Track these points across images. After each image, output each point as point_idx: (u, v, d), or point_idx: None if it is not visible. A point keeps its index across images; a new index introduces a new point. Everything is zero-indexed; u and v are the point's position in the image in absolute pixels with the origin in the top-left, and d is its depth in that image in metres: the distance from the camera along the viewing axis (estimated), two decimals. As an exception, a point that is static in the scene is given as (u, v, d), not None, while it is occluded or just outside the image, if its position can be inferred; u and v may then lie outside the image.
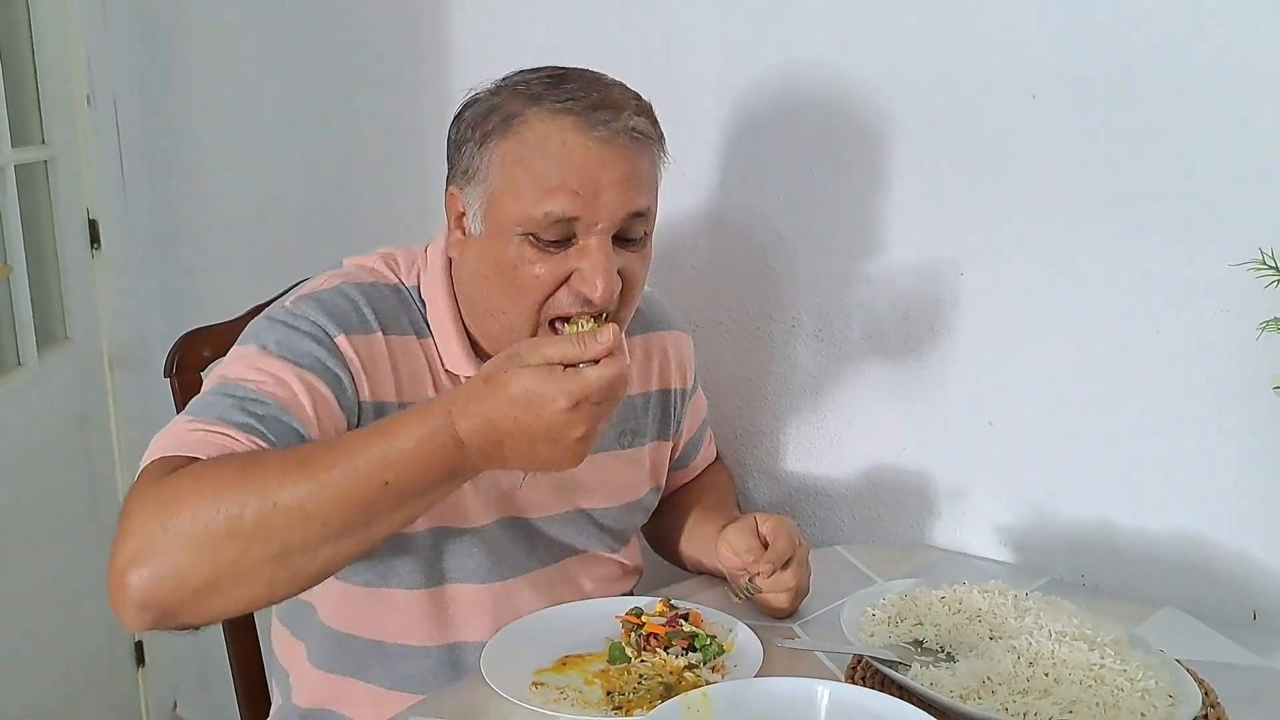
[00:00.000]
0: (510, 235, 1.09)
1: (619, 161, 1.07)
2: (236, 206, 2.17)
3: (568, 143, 1.06)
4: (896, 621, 1.13)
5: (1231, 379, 1.25)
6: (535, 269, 1.08)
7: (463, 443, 0.94)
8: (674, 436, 1.38)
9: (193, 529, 0.90)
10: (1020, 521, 1.43)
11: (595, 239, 1.08)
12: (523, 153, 1.07)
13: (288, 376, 1.04)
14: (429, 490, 0.96)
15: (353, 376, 1.09)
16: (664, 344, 1.36)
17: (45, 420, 2.03)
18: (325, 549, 0.93)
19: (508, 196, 1.08)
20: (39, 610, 1.98)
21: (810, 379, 1.57)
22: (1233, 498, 1.28)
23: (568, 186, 1.06)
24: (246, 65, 2.09)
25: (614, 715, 1.02)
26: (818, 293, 1.54)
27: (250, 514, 0.90)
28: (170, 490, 0.92)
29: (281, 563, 0.92)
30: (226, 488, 0.91)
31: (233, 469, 0.93)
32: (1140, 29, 1.24)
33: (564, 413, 0.91)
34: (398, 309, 1.16)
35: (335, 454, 0.93)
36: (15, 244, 1.93)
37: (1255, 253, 1.17)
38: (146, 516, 0.92)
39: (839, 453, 1.57)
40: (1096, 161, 1.29)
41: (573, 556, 1.28)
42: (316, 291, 1.13)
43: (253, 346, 1.07)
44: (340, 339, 1.09)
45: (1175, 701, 0.99)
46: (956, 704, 0.97)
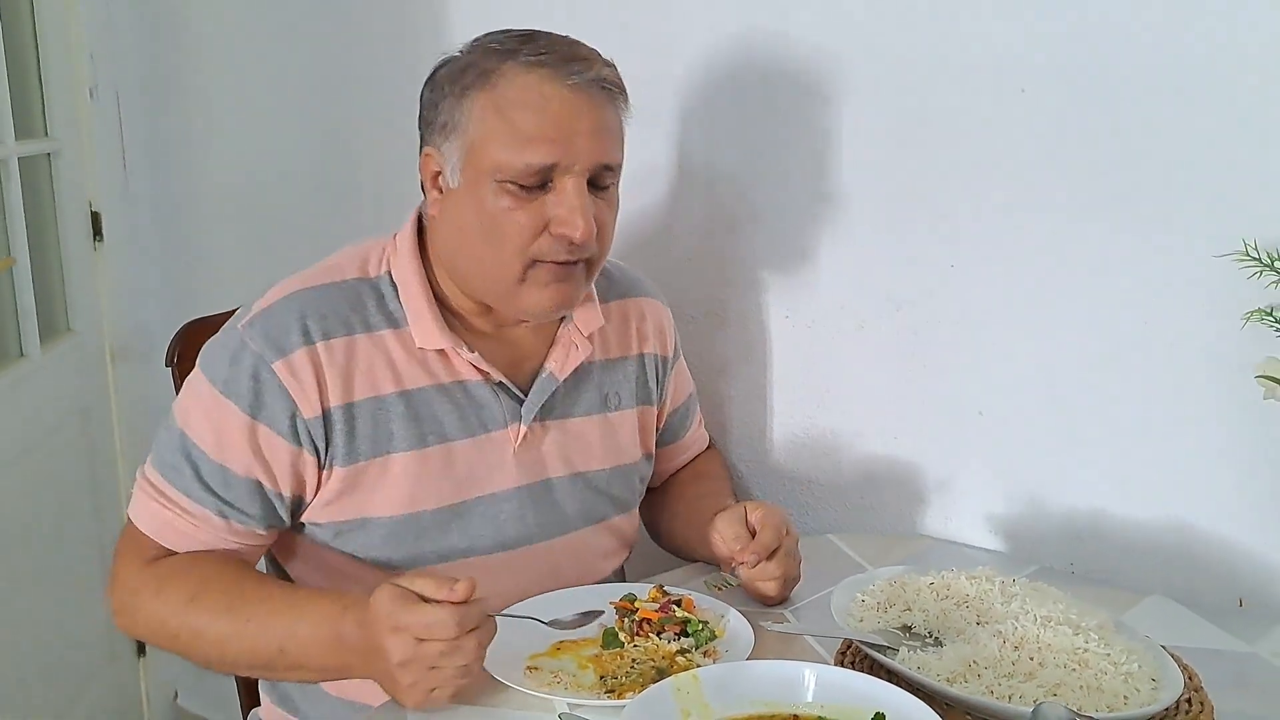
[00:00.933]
0: (489, 183, 1.14)
1: (592, 109, 1.14)
2: (237, 199, 2.19)
3: (545, 93, 1.12)
4: (886, 607, 1.15)
5: (1217, 368, 1.26)
6: (516, 215, 1.14)
7: (342, 639, 1.06)
8: (659, 403, 1.41)
9: (149, 629, 1.17)
10: (1010, 510, 1.44)
11: (572, 181, 1.14)
12: (501, 103, 1.13)
13: (233, 432, 1.15)
14: (318, 668, 1.10)
15: (290, 398, 1.15)
16: (640, 309, 1.40)
17: (47, 411, 2.05)
18: (240, 672, 1.20)
19: (488, 145, 1.14)
20: (40, 601, 1.99)
21: (803, 369, 1.58)
22: (1220, 486, 1.30)
23: (545, 135, 1.12)
24: (248, 59, 2.10)
25: (606, 698, 1.04)
26: (810, 284, 1.55)
27: (185, 637, 1.13)
28: (137, 593, 1.16)
29: (214, 666, 1.15)
30: (172, 615, 1.13)
31: (184, 594, 1.13)
32: (1128, 23, 1.25)
33: (388, 633, 1.00)
34: (348, 309, 1.20)
35: (257, 609, 1.11)
36: (18, 236, 1.95)
37: (1240, 244, 1.18)
38: (122, 595, 1.17)
39: (831, 442, 1.58)
40: (1084, 154, 1.31)
41: (577, 530, 1.31)
42: (264, 310, 1.19)
43: (207, 384, 1.17)
44: (278, 364, 1.15)
45: (1158, 685, 1.01)
46: (943, 687, 0.99)
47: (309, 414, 1.15)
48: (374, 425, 1.18)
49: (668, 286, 1.67)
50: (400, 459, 1.19)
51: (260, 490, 1.16)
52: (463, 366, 1.22)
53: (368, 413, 1.18)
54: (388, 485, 1.19)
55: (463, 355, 1.21)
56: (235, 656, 1.13)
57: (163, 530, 1.17)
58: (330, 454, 1.17)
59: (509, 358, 1.26)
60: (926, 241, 1.44)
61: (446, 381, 1.22)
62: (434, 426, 1.21)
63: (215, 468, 1.15)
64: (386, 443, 1.19)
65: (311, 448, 1.16)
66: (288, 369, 1.15)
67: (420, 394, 1.21)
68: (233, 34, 2.11)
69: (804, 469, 1.61)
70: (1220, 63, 1.21)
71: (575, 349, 1.28)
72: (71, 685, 2.11)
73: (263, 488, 1.16)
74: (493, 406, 1.24)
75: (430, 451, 1.20)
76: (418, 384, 1.21)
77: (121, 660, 2.31)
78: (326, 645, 1.07)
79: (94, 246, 2.20)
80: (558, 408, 1.28)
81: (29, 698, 1.95)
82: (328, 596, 1.10)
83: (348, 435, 1.17)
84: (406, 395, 1.20)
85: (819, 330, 1.56)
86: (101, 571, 1.14)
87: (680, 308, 1.67)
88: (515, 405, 1.25)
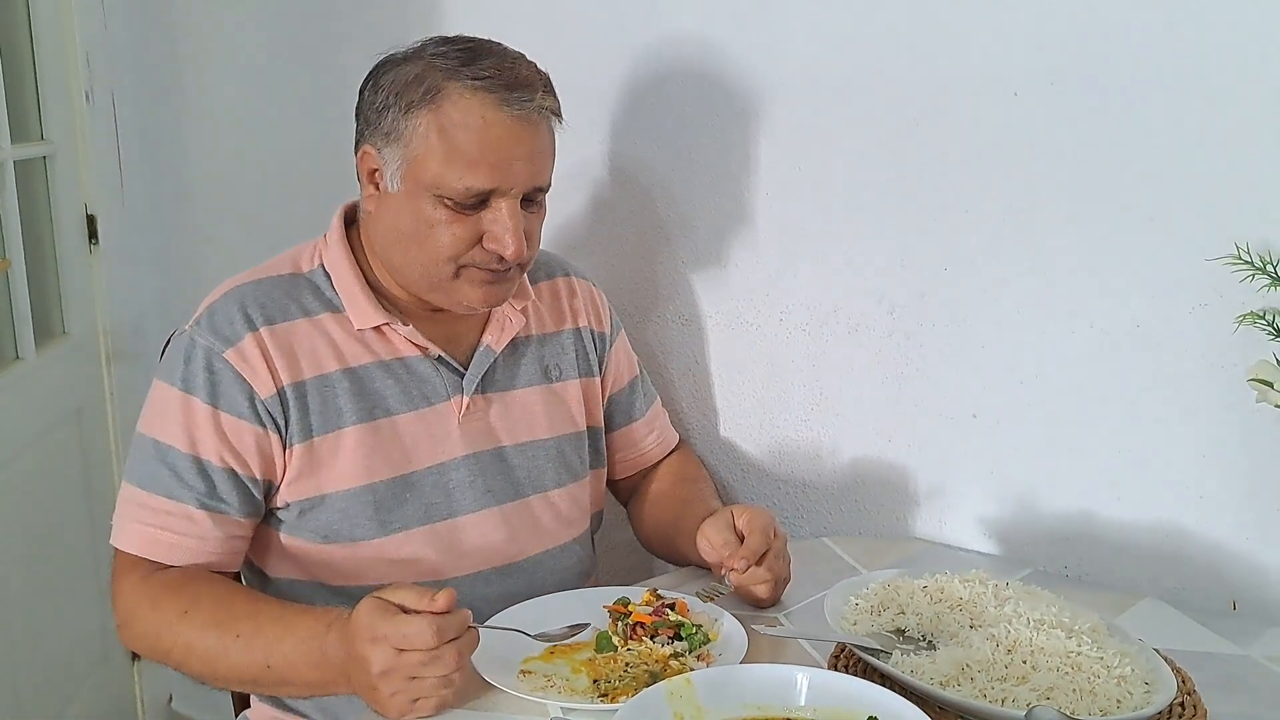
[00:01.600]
0: (427, 195, 1.20)
1: (531, 137, 1.20)
2: (232, 201, 2.19)
3: (487, 119, 1.18)
4: (879, 610, 1.15)
5: (1211, 372, 1.27)
6: (452, 228, 1.20)
7: (325, 655, 1.08)
8: (600, 375, 1.45)
9: (145, 643, 1.19)
10: (1003, 513, 1.44)
11: (507, 204, 1.20)
12: (445, 124, 1.18)
13: (200, 424, 1.20)
14: (303, 684, 1.12)
15: (246, 382, 1.20)
16: (571, 286, 1.46)
17: (42, 413, 2.05)
18: (231, 686, 1.21)
19: (429, 161, 1.19)
20: (35, 604, 1.99)
21: (797, 372, 1.58)
22: (1212, 490, 1.30)
23: (485, 160, 1.18)
24: (243, 62, 2.10)
25: (599, 702, 1.04)
26: (804, 287, 1.55)
27: (178, 653, 1.16)
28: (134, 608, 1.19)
29: (206, 680, 1.18)
30: (166, 630, 1.16)
31: (177, 609, 1.16)
32: (1120, 26, 1.25)
33: (368, 644, 1.02)
34: (285, 298, 1.26)
35: (245, 625, 1.13)
36: (14, 239, 1.95)
37: (1232, 248, 1.19)
38: (121, 614, 1.20)
39: (825, 445, 1.58)
40: (1077, 157, 1.31)
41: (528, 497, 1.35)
42: (208, 308, 1.25)
43: (166, 387, 1.23)
44: (229, 353, 1.21)
45: (1151, 688, 1.01)
46: (936, 690, 0.99)
47: (265, 394, 1.21)
48: (323, 402, 1.23)
49: (664, 290, 1.68)
50: (351, 433, 1.24)
51: (235, 478, 1.21)
52: (401, 344, 1.28)
53: (316, 390, 1.24)
54: (341, 459, 1.24)
55: (399, 331, 1.27)
56: (225, 672, 1.15)
57: (150, 546, 1.20)
58: (289, 432, 1.22)
59: (446, 335, 1.32)
60: (919, 244, 1.44)
61: (387, 358, 1.28)
62: (379, 401, 1.26)
63: (189, 461, 1.20)
64: (336, 418, 1.24)
65: (274, 425, 1.21)
66: (238, 356, 1.21)
67: (364, 370, 1.26)
68: (228, 38, 2.11)
69: (798, 472, 1.61)
70: (1213, 66, 1.21)
71: (510, 322, 1.35)
72: (66, 689, 2.10)
73: (237, 474, 1.21)
74: (434, 380, 1.29)
75: (379, 424, 1.26)
76: (360, 361, 1.26)
77: (116, 664, 2.31)
78: (310, 662, 1.10)
79: (89, 249, 2.20)
80: (499, 380, 1.34)
81: (22, 702, 1.94)
82: (313, 614, 1.12)
83: (301, 412, 1.23)
84: (350, 372, 1.25)
85: (812, 333, 1.56)
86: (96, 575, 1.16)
87: (677, 310, 1.68)
88: (456, 379, 1.31)
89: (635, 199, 1.69)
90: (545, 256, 1.47)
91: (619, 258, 1.72)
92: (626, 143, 1.68)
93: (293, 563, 1.27)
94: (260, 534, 1.27)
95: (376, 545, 1.26)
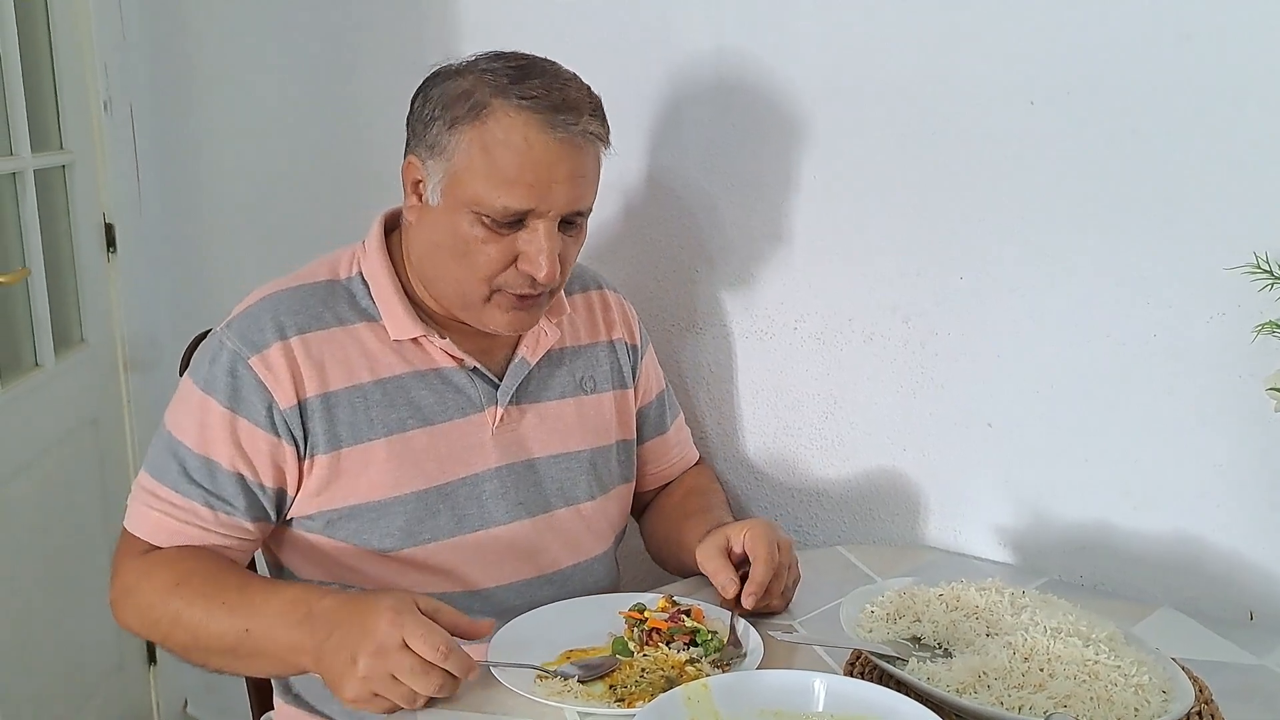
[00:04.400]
0: (466, 211, 1.20)
1: (572, 159, 1.19)
2: (249, 211, 2.20)
3: (530, 138, 1.17)
4: (895, 618, 1.15)
5: (1227, 381, 1.26)
6: (488, 248, 1.20)
7: (312, 615, 1.08)
8: (633, 387, 1.45)
9: (137, 616, 1.20)
10: (1019, 522, 1.44)
11: (544, 226, 1.20)
12: (488, 141, 1.17)
13: (215, 426, 1.21)
14: (276, 650, 1.11)
15: (267, 391, 1.21)
16: (605, 300, 1.47)
17: (60, 421, 2.06)
18: (209, 661, 1.18)
19: (470, 178, 1.18)
20: (51, 609, 2.00)
21: (811, 381, 1.58)
22: (1229, 499, 1.30)
23: (524, 180, 1.17)
24: (259, 73, 2.12)
25: (616, 707, 1.04)
26: (819, 296, 1.55)
27: (165, 624, 1.17)
28: (129, 584, 1.20)
29: (190, 655, 1.18)
30: (157, 600, 1.17)
31: (170, 580, 1.17)
32: (1137, 36, 1.26)
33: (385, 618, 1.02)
34: (320, 307, 1.26)
35: (233, 595, 1.14)
36: (33, 247, 1.96)
37: (1250, 256, 1.19)
38: (117, 590, 1.22)
39: (839, 453, 1.58)
40: (1094, 166, 1.31)
41: (560, 509, 1.35)
42: (241, 313, 1.26)
43: (190, 385, 1.24)
44: (254, 359, 1.21)
45: (1169, 697, 1.01)
46: (953, 697, 0.99)
47: (285, 405, 1.21)
48: (353, 412, 1.23)
49: (679, 297, 1.68)
50: (381, 444, 1.24)
51: (243, 482, 1.21)
52: (437, 354, 1.28)
53: (346, 401, 1.23)
54: (372, 470, 1.24)
55: (435, 343, 1.27)
56: (206, 640, 1.15)
57: (155, 531, 1.22)
58: (310, 444, 1.22)
59: (481, 346, 1.32)
60: (934, 253, 1.44)
61: (422, 369, 1.28)
62: (412, 412, 1.26)
63: (200, 461, 1.20)
64: (367, 429, 1.24)
65: (289, 438, 1.21)
66: (263, 364, 1.21)
67: (397, 381, 1.26)
68: (245, 49, 2.12)
69: (812, 480, 1.61)
70: (1230, 76, 1.21)
71: (544, 334, 1.35)
72: (81, 694, 2.11)
73: (245, 480, 1.21)
74: (469, 390, 1.29)
75: (411, 435, 1.25)
76: (394, 372, 1.26)
77: (131, 669, 2.31)
78: (292, 620, 1.10)
79: (107, 258, 2.21)
80: (532, 391, 1.34)
81: (39, 706, 1.95)
82: (307, 585, 1.15)
83: (328, 423, 1.22)
84: (383, 383, 1.25)
85: (827, 342, 1.56)
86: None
87: (690, 318, 1.68)
88: (491, 389, 1.31)
89: (648, 212, 1.69)
90: (579, 269, 1.46)
91: (635, 270, 1.72)
92: (642, 156, 1.68)
93: (320, 568, 1.27)
94: (287, 538, 1.28)
95: (406, 555, 1.25)
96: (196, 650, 1.17)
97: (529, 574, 1.31)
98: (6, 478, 1.86)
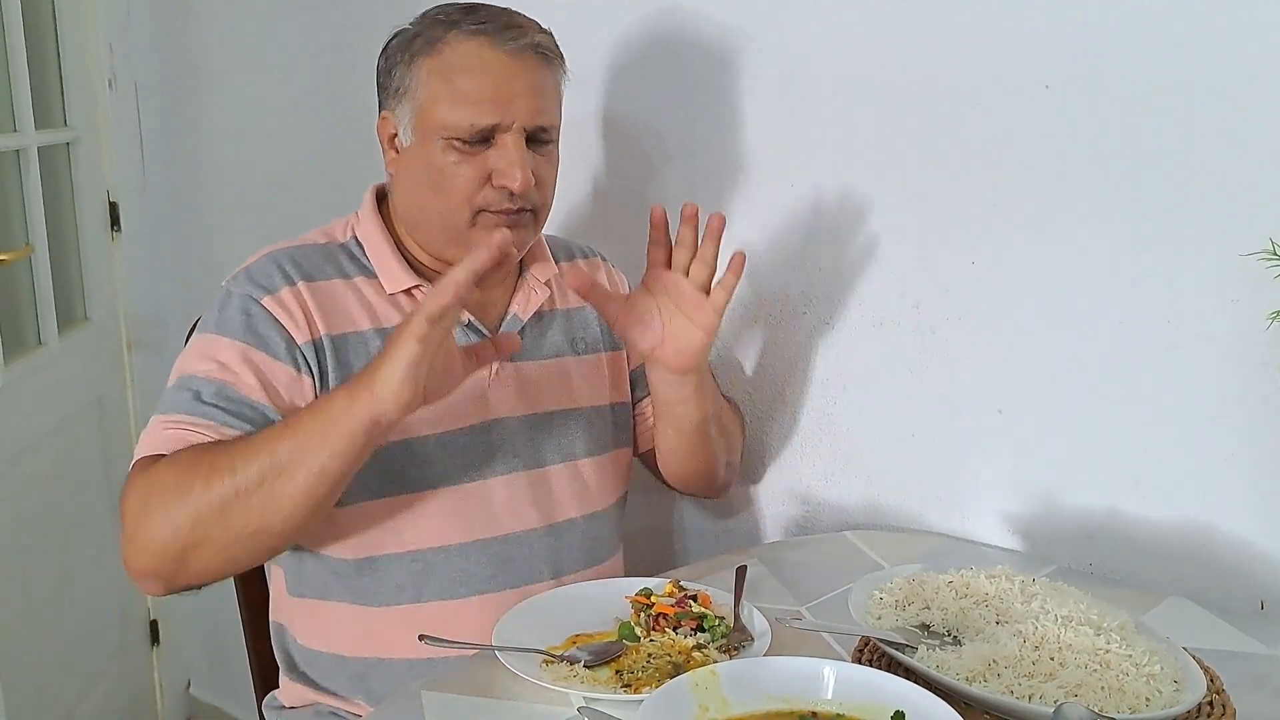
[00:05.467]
0: (436, 140, 1.25)
1: (528, 71, 1.25)
2: (254, 190, 2.20)
3: (484, 57, 1.23)
4: (904, 605, 1.14)
5: (1241, 369, 1.25)
6: (462, 169, 1.24)
7: (357, 379, 1.09)
8: (624, 348, 1.47)
9: (165, 507, 1.11)
10: (1028, 510, 1.43)
11: (511, 138, 1.24)
12: (445, 69, 1.24)
13: (228, 356, 1.21)
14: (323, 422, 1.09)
15: (283, 327, 1.23)
16: (595, 266, 1.51)
17: (64, 399, 2.06)
18: (255, 498, 1.09)
19: (435, 106, 1.24)
20: (55, 589, 2.00)
21: (821, 365, 1.58)
22: (1241, 488, 1.29)
23: (486, 96, 1.23)
24: (264, 51, 2.11)
25: (622, 692, 1.04)
26: (829, 280, 1.55)
27: (199, 483, 1.10)
28: (146, 483, 1.13)
29: (230, 508, 1.09)
30: (187, 469, 1.11)
31: (195, 453, 1.13)
32: (1153, 21, 1.24)
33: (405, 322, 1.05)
34: (322, 260, 1.31)
35: (270, 429, 1.13)
36: (37, 225, 1.96)
37: (1265, 243, 1.17)
38: (132, 505, 1.14)
39: (848, 439, 1.58)
40: (1108, 152, 1.30)
41: (558, 464, 1.36)
42: (245, 267, 1.29)
43: (201, 333, 1.25)
44: (266, 300, 1.24)
45: (1180, 686, 1.00)
46: (962, 685, 0.98)
47: (302, 340, 1.23)
48: (356, 357, 1.26)
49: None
50: None
51: (256, 409, 1.19)
52: None
53: (350, 345, 1.26)
54: None
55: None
56: (244, 467, 1.09)
57: (166, 444, 1.17)
58: (328, 381, 1.24)
59: (475, 302, 1.34)
60: (945, 239, 1.43)
61: None
62: None
63: (216, 386, 1.19)
64: None
65: (309, 371, 1.23)
66: (276, 303, 1.24)
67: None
68: (249, 26, 2.11)
69: (820, 466, 1.61)
70: (1247, 61, 1.20)
71: (535, 293, 1.39)
72: (85, 675, 2.11)
73: (257, 406, 1.19)
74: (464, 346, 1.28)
75: None
76: (392, 321, 1.29)
77: (134, 650, 2.32)
78: (336, 396, 1.10)
79: (111, 236, 2.21)
80: (527, 348, 1.38)
81: (42, 688, 1.96)
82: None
83: (338, 363, 1.25)
84: (383, 332, 1.28)
85: (836, 327, 1.55)
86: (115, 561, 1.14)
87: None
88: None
89: (659, 193, 1.68)
90: (567, 241, 1.52)
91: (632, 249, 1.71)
92: (652, 144, 1.67)
93: (330, 523, 1.26)
94: None
95: (406, 501, 1.27)
96: (238, 494, 1.09)
97: (525, 526, 1.32)
98: (10, 457, 1.86)
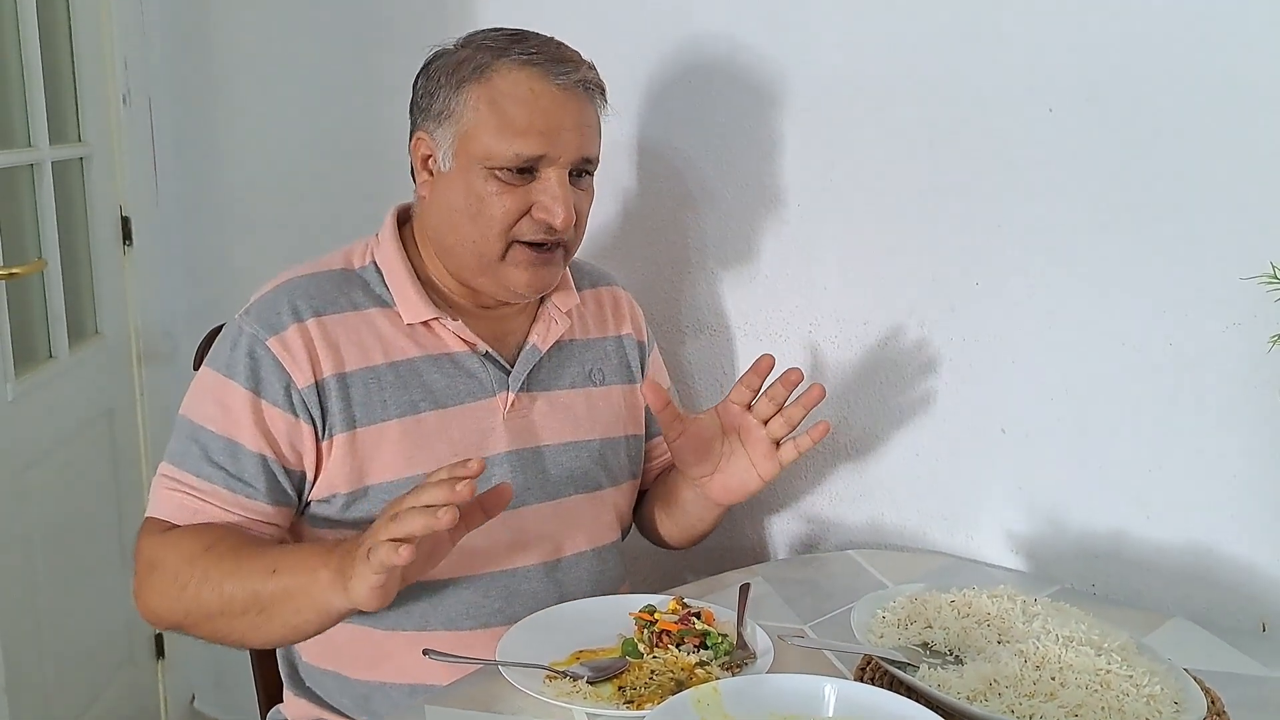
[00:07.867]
0: (479, 168, 1.24)
1: (576, 107, 1.26)
2: (265, 205, 2.21)
3: (535, 89, 1.23)
4: (906, 624, 1.15)
5: (1242, 391, 1.26)
6: (502, 199, 1.24)
7: (339, 543, 1.11)
8: (639, 382, 1.47)
9: (162, 588, 1.17)
10: (1031, 529, 1.44)
11: (555, 173, 1.25)
12: (494, 96, 1.23)
13: (235, 402, 1.22)
14: (300, 589, 1.11)
15: (285, 370, 1.22)
16: (614, 296, 1.50)
17: (74, 412, 2.07)
18: (233, 620, 1.15)
19: (480, 134, 1.24)
20: (61, 602, 2.01)
21: (825, 384, 1.57)
22: (1243, 510, 1.29)
23: (534, 127, 1.23)
24: (277, 67, 2.12)
25: (625, 709, 1.04)
26: (834, 299, 1.55)
27: (193, 586, 1.15)
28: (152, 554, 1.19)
29: (215, 622, 1.16)
30: (185, 564, 1.16)
31: (199, 545, 1.17)
32: (1156, 43, 1.25)
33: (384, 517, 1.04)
34: (336, 292, 1.29)
35: (264, 548, 1.17)
36: (49, 239, 1.97)
37: (1266, 266, 1.18)
38: (140, 566, 1.20)
39: (852, 458, 1.58)
40: (1110, 174, 1.31)
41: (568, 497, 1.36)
42: (257, 301, 1.28)
43: (210, 371, 1.25)
44: (271, 340, 1.23)
45: (1180, 708, 1.00)
46: (963, 704, 0.98)
47: (302, 384, 1.23)
48: (367, 393, 1.25)
49: (695, 299, 1.68)
50: (395, 425, 1.26)
51: (265, 464, 1.22)
52: (449, 338, 1.30)
53: (360, 382, 1.26)
54: (385, 451, 1.25)
55: (448, 326, 1.29)
56: (231, 591, 1.13)
57: (176, 511, 1.22)
58: (329, 423, 1.24)
59: (493, 332, 1.34)
60: (950, 258, 1.44)
61: (435, 353, 1.30)
62: (425, 394, 1.28)
63: (223, 443, 1.22)
64: (380, 410, 1.26)
65: (307, 417, 1.23)
66: (280, 344, 1.23)
67: (409, 364, 1.28)
68: (263, 42, 2.13)
69: (824, 485, 1.61)
70: (1249, 83, 1.21)
71: (555, 324, 1.38)
72: (89, 687, 2.12)
73: (267, 461, 1.22)
74: (481, 375, 1.31)
75: (424, 417, 1.27)
76: (407, 355, 1.28)
77: (139, 663, 2.32)
78: (318, 553, 1.12)
79: (123, 250, 2.22)
80: (543, 379, 1.36)
81: (48, 700, 1.96)
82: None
83: (344, 403, 1.24)
84: (396, 366, 1.27)
85: (841, 346, 1.56)
86: (124, 574, 1.17)
87: (704, 320, 1.68)
88: (503, 375, 1.33)
89: (660, 212, 1.69)
90: (590, 267, 1.51)
91: (648, 270, 1.72)
92: (653, 156, 1.68)
93: None
94: (306, 535, 1.29)
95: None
96: (224, 612, 1.15)
97: (536, 560, 1.32)
98: (21, 469, 1.87)
